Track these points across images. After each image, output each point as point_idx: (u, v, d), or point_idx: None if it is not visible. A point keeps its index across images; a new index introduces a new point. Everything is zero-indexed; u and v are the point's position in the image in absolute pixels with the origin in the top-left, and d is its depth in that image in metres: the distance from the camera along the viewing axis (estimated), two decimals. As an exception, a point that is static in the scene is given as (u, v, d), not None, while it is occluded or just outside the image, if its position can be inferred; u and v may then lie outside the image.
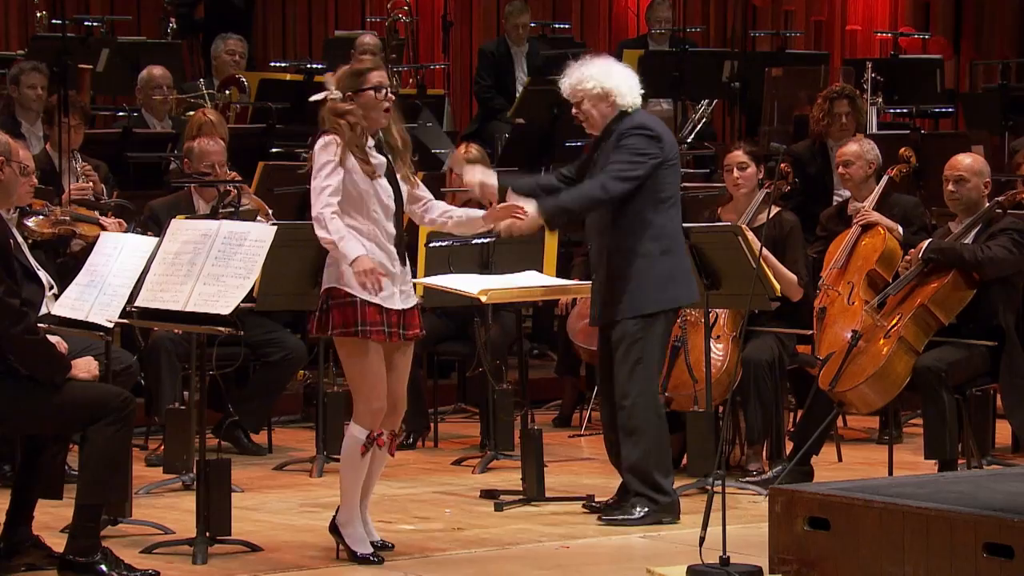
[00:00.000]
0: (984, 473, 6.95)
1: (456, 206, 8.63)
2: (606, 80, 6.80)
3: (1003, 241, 7.53)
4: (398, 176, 6.31)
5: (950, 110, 12.43)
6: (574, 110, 6.87)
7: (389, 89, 6.32)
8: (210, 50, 11.43)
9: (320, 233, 6.15)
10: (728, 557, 5.99)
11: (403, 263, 6.30)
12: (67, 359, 5.97)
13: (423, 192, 6.43)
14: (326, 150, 6.20)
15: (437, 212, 6.46)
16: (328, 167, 6.18)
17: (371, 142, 6.27)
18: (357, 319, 6.17)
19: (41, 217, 7.52)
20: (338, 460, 7.11)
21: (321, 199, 6.16)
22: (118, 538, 6.48)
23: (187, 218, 6.87)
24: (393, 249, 6.26)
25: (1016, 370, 7.55)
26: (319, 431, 8.06)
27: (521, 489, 7.36)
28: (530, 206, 6.50)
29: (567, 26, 13.65)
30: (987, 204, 7.66)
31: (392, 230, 6.27)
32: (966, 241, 7.62)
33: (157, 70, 10.34)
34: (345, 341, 6.23)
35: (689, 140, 11.67)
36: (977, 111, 12.06)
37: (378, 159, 6.26)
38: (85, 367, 6.01)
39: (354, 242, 6.13)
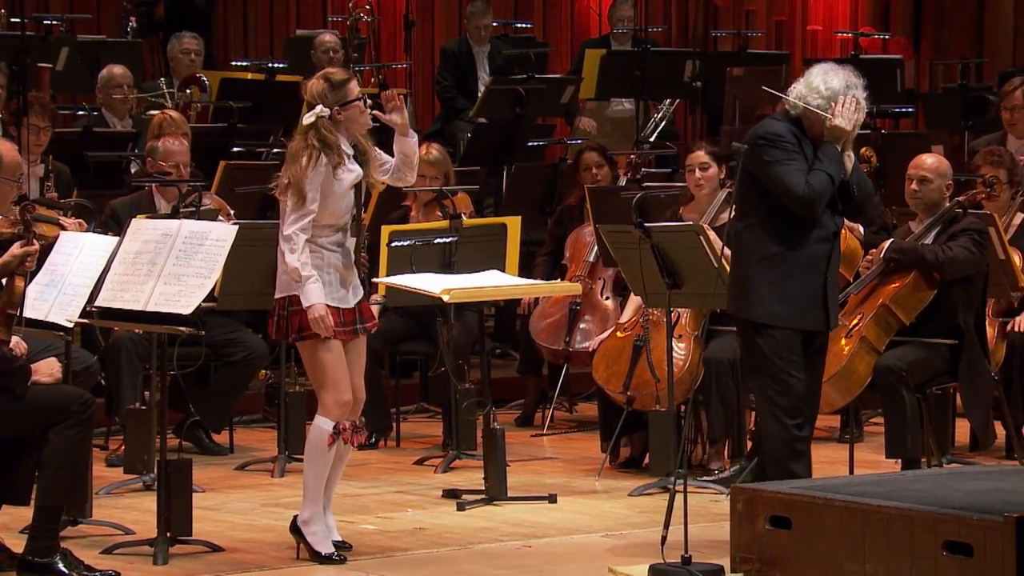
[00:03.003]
0: (944, 472, 6.99)
1: (419, 205, 8.69)
2: None
3: (963, 241, 7.57)
4: (367, 182, 6.38)
5: (910, 110, 12.48)
6: None
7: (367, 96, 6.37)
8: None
9: (289, 257, 6.22)
10: (690, 556, 6.01)
11: (356, 263, 6.39)
12: (27, 367, 5.93)
13: (385, 158, 6.49)
14: (317, 170, 6.22)
15: (395, 166, 6.50)
16: (316, 189, 6.20)
17: (350, 151, 6.31)
18: None
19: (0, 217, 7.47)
20: (300, 460, 7.11)
21: (301, 222, 6.22)
22: (78, 539, 6.46)
23: (148, 217, 6.86)
24: (351, 251, 6.35)
25: (975, 369, 7.60)
26: (281, 431, 8.05)
27: (483, 489, 7.36)
28: None
29: (529, 26, 13.65)
30: (948, 204, 7.70)
31: (352, 235, 6.34)
32: (927, 241, 7.65)
33: (117, 69, 10.29)
34: (306, 343, 6.27)
35: (651, 140, 11.69)
36: (937, 111, 12.11)
37: (355, 171, 6.32)
38: (48, 370, 5.98)
39: (317, 287, 6.22)
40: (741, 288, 6.47)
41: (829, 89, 6.38)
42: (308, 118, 6.27)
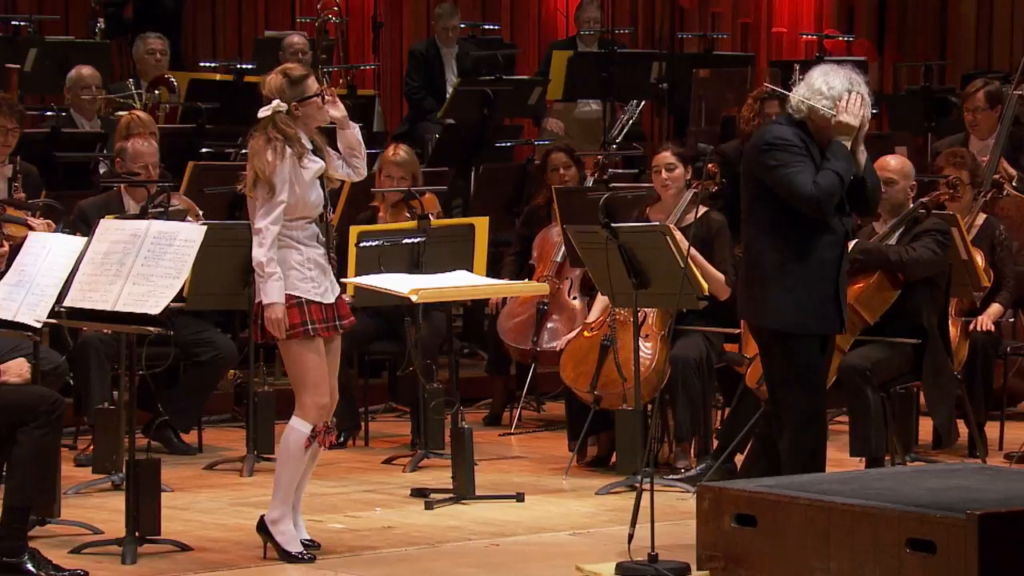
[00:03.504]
0: (907, 469, 7.01)
1: (387, 205, 8.68)
2: None
3: (927, 242, 7.60)
4: (326, 177, 6.37)
5: (874, 111, 12.50)
6: None
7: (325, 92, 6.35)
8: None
9: (257, 251, 6.21)
10: (656, 554, 6.02)
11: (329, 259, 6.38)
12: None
13: (333, 153, 6.48)
14: (283, 162, 6.21)
15: (343, 160, 6.48)
16: (284, 180, 6.19)
17: (309, 145, 6.30)
18: (305, 318, 6.25)
19: (-33, 217, 7.44)
20: (269, 459, 7.10)
21: (272, 214, 6.21)
22: (47, 538, 6.42)
23: (117, 218, 6.83)
24: (323, 247, 6.32)
25: (938, 368, 7.62)
26: (249, 431, 8.02)
27: (451, 487, 7.35)
28: None
29: (497, 27, 13.65)
30: (911, 205, 7.73)
31: (323, 229, 6.32)
32: (891, 242, 7.68)
33: (86, 70, 10.25)
34: (292, 341, 6.25)
35: (618, 141, 11.71)
36: (900, 112, 12.17)
37: (317, 164, 6.30)
38: (16, 371, 5.96)
39: (279, 285, 6.20)
40: (757, 299, 6.41)
41: (832, 89, 6.35)
42: (264, 112, 6.27)
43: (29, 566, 5.89)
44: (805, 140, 6.34)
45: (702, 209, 7.83)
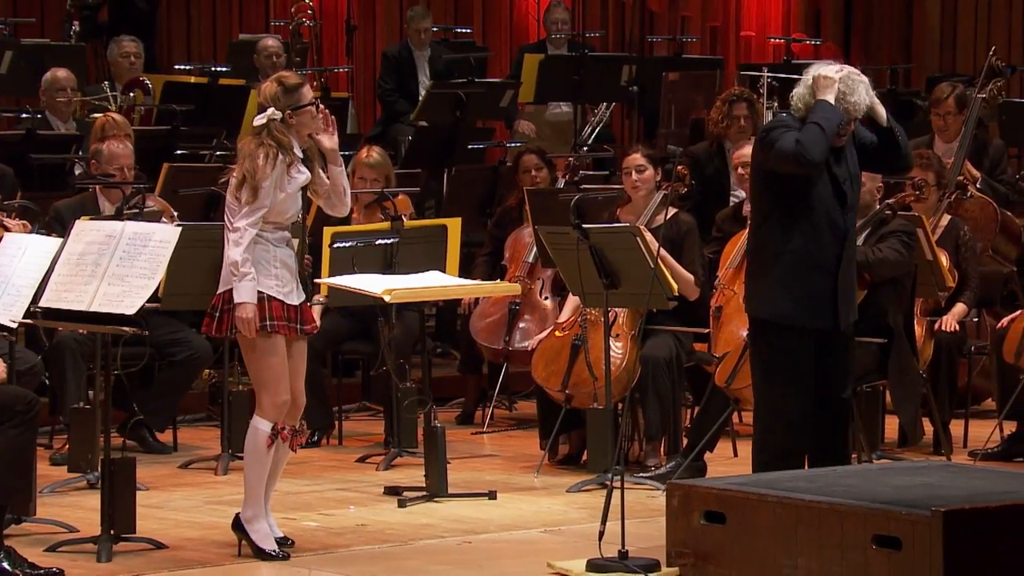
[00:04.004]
0: (874, 467, 7.03)
1: (361, 207, 8.68)
2: None
3: (893, 243, 7.63)
4: (310, 188, 6.38)
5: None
6: (853, 127, 6.40)
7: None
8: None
9: (233, 250, 6.20)
10: (627, 551, 6.03)
11: (299, 264, 6.39)
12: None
13: (324, 179, 6.44)
14: (275, 168, 6.20)
15: (326, 193, 6.45)
16: (271, 186, 6.19)
17: (300, 155, 6.30)
18: (265, 315, 6.23)
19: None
20: (243, 458, 7.08)
21: (252, 217, 6.20)
22: (22, 536, 6.41)
23: (92, 219, 6.81)
24: (294, 251, 6.33)
25: (904, 367, 7.66)
26: (224, 429, 8.02)
27: (424, 486, 7.36)
28: None
29: (469, 30, 13.65)
30: (878, 206, 7.76)
31: (294, 236, 6.34)
32: (858, 243, 7.70)
33: (61, 72, 10.23)
34: (252, 340, 6.23)
35: (589, 143, 11.72)
36: (867, 115, 12.18)
37: (305, 173, 6.32)
38: (-9, 370, 5.94)
39: (252, 286, 6.20)
40: (752, 288, 6.46)
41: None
42: (259, 119, 6.26)
43: (5, 564, 5.87)
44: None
45: (672, 210, 7.85)
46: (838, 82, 6.32)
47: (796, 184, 6.30)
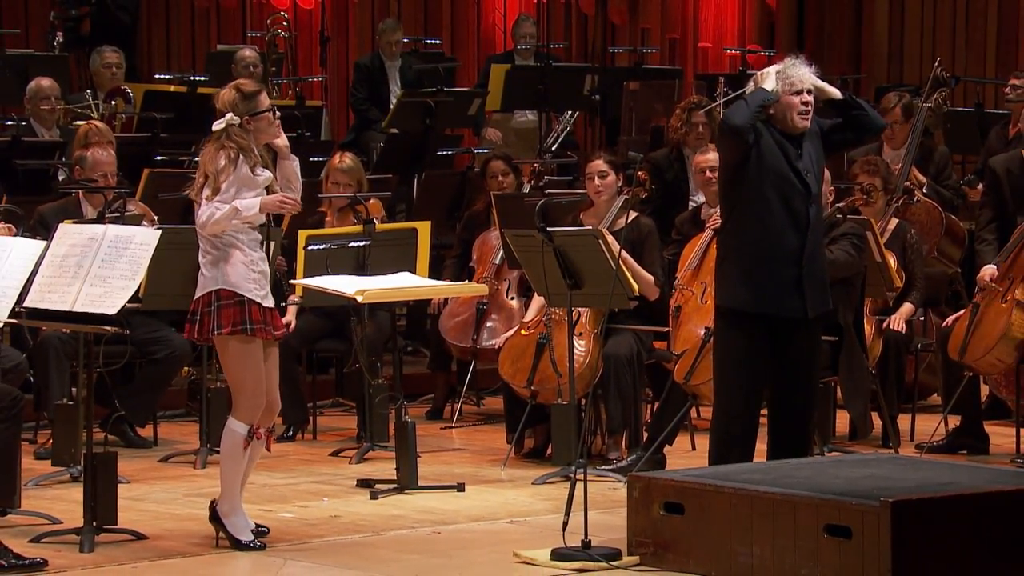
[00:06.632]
0: (825, 460, 7.05)
1: (334, 210, 8.66)
2: None
3: (844, 245, 7.65)
4: (271, 188, 6.34)
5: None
6: (810, 97, 6.43)
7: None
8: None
9: (219, 215, 6.10)
10: (589, 541, 6.03)
11: (272, 267, 6.39)
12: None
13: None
14: (237, 169, 6.16)
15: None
16: (232, 185, 6.15)
17: (259, 158, 6.27)
18: (245, 318, 6.18)
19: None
20: (219, 455, 7.05)
21: (215, 203, 6.12)
22: (7, 528, 6.37)
23: (75, 222, 6.78)
24: (263, 252, 6.30)
25: (854, 364, 7.68)
26: (202, 425, 7.99)
27: (395, 478, 7.34)
28: None
29: (438, 42, 13.64)
30: (829, 210, 7.78)
31: (266, 235, 6.31)
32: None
33: (45, 81, 10.18)
34: (231, 340, 6.20)
35: (553, 149, 11.73)
36: (818, 123, 12.20)
37: (265, 175, 6.26)
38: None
39: (247, 203, 6.12)
40: (719, 278, 6.50)
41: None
42: (218, 125, 6.22)
43: (-10, 555, 5.84)
44: (761, 125, 6.33)
45: (633, 214, 7.86)
46: (776, 73, 6.38)
47: (758, 178, 6.33)
